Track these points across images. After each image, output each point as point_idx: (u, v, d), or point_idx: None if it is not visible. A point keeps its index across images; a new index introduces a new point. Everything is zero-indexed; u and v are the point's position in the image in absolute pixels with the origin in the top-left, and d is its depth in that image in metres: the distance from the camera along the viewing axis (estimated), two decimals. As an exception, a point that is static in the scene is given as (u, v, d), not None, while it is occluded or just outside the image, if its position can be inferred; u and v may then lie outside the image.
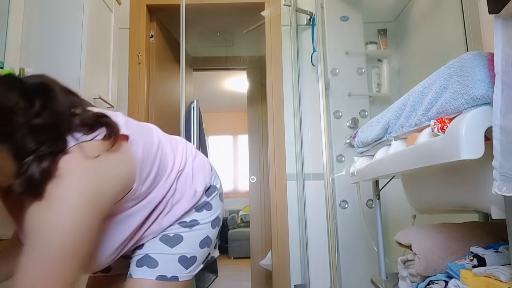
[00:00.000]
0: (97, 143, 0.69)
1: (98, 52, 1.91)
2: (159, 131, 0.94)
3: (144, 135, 0.83)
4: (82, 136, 0.68)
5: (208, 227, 0.94)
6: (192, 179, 0.92)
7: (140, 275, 0.86)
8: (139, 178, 0.77)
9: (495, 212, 0.82)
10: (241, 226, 5.97)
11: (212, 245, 0.97)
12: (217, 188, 1.00)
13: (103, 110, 0.78)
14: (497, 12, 0.68)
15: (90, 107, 0.77)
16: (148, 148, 0.81)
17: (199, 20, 3.26)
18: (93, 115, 0.73)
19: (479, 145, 0.72)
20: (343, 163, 2.19)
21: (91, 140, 0.69)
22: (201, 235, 0.92)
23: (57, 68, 1.73)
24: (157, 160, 0.83)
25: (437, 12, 1.98)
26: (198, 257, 0.91)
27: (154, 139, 0.86)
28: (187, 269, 0.89)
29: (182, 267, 0.88)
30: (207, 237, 0.93)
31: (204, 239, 0.92)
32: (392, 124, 1.15)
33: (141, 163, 0.77)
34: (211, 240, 0.94)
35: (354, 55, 2.31)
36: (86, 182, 0.64)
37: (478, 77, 0.74)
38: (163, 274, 0.86)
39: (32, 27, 1.78)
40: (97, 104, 1.85)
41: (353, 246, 2.10)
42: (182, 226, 0.90)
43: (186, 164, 0.93)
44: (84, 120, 0.70)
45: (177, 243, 0.89)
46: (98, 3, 1.93)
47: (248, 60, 3.72)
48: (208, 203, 0.95)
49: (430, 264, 1.04)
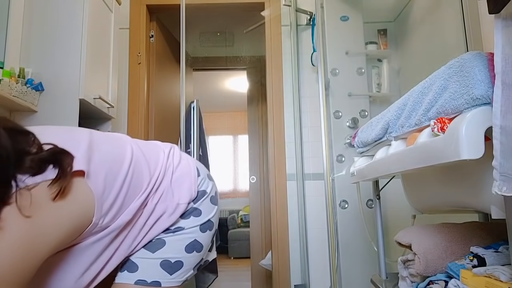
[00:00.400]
0: (42, 190, 0.62)
1: (98, 52, 1.91)
2: (135, 144, 0.87)
3: (111, 158, 0.77)
4: (27, 179, 0.61)
5: (195, 231, 0.89)
6: (173, 193, 0.86)
7: (120, 279, 0.84)
8: (99, 212, 0.71)
9: (495, 212, 0.82)
10: (241, 226, 5.97)
11: (204, 250, 0.92)
12: (206, 192, 0.94)
13: (63, 135, 0.73)
14: (497, 12, 0.68)
15: (47, 144, 0.67)
16: (112, 176, 0.74)
17: (199, 20, 3.26)
18: (48, 152, 0.65)
19: (479, 145, 0.72)
20: (343, 163, 2.19)
21: (39, 183, 0.61)
22: (186, 239, 0.88)
23: (57, 68, 1.73)
24: (125, 184, 0.77)
25: (437, 12, 1.98)
26: (184, 262, 0.87)
27: (126, 158, 0.80)
28: (171, 274, 0.85)
29: (165, 272, 0.84)
30: (195, 241, 0.88)
31: (191, 243, 0.88)
32: (392, 124, 1.15)
33: (101, 196, 0.71)
34: (200, 245, 0.89)
35: (354, 55, 2.31)
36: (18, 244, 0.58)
37: (478, 77, 0.74)
38: (143, 278, 0.83)
39: (32, 27, 1.78)
40: (97, 104, 1.85)
41: (353, 246, 2.10)
42: (164, 232, 0.87)
43: (164, 178, 0.86)
44: (34, 159, 0.62)
45: (159, 248, 0.85)
46: (98, 3, 1.93)
47: (248, 60, 3.73)
48: (196, 209, 0.90)
49: (430, 264, 1.04)
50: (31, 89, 1.64)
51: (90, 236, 0.73)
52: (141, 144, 0.89)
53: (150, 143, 0.94)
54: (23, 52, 1.76)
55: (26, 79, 1.65)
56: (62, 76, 1.73)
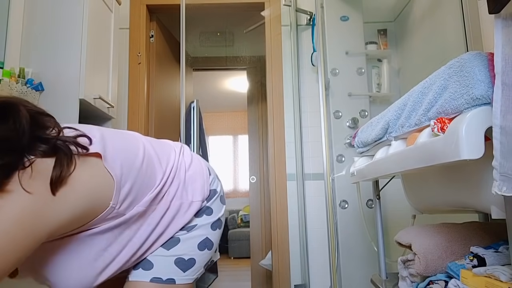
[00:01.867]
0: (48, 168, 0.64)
1: (98, 52, 1.91)
2: (147, 141, 0.89)
3: (125, 149, 0.79)
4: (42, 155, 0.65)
5: (207, 228, 0.92)
6: (187, 190, 0.89)
7: (134, 277, 0.85)
8: (117, 196, 0.73)
9: (495, 212, 0.82)
10: (241, 226, 5.97)
11: (214, 248, 0.95)
12: (217, 191, 0.97)
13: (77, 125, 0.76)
14: (497, 12, 0.68)
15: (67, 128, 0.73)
16: (128, 165, 0.77)
17: (199, 20, 3.26)
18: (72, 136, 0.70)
19: (479, 145, 0.72)
20: (343, 163, 2.19)
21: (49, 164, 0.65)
22: (199, 236, 0.90)
23: (57, 68, 1.73)
24: (140, 175, 0.79)
25: (437, 12, 1.98)
26: (197, 259, 0.89)
27: (139, 152, 0.82)
28: (184, 271, 0.87)
29: (179, 269, 0.86)
30: (207, 238, 0.91)
31: (203, 241, 0.90)
32: (392, 124, 1.15)
33: (120, 181, 0.74)
34: (211, 242, 0.92)
35: (354, 55, 2.31)
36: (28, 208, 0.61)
37: (478, 77, 0.74)
38: (158, 276, 0.85)
39: (32, 27, 1.78)
40: (97, 104, 1.85)
41: (353, 246, 2.10)
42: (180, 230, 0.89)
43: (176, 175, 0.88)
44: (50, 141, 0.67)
45: (174, 245, 0.87)
46: (98, 3, 1.93)
47: (248, 60, 3.73)
48: (208, 207, 0.93)
49: (430, 264, 1.04)
50: (31, 89, 1.64)
51: (105, 222, 0.75)
52: (152, 141, 0.92)
53: (161, 141, 0.97)
54: (23, 52, 1.76)
55: (26, 79, 1.65)
56: (62, 76, 1.73)
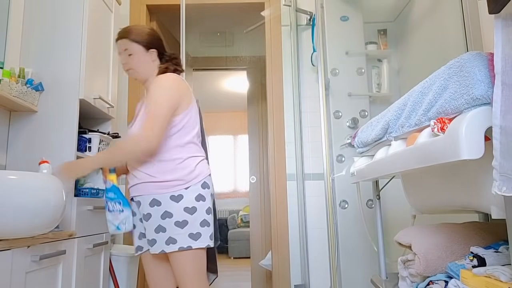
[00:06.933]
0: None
1: (98, 52, 1.91)
2: (199, 128, 1.54)
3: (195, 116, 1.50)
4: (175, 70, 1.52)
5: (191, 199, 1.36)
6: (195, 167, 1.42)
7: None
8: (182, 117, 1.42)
9: (495, 212, 0.82)
10: (241, 226, 5.97)
11: (199, 212, 1.35)
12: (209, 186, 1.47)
13: None
14: (497, 12, 0.68)
15: None
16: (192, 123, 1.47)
17: (199, 20, 3.26)
18: None
19: (479, 145, 0.72)
20: (343, 163, 2.19)
21: None
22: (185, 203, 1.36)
23: (57, 68, 1.73)
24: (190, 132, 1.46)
25: (437, 12, 1.98)
26: (189, 221, 1.33)
27: (197, 125, 1.50)
28: (182, 228, 1.33)
29: (178, 228, 1.34)
30: (193, 207, 1.35)
31: (189, 207, 1.35)
32: (392, 124, 1.15)
33: (184, 115, 1.42)
34: (195, 209, 1.35)
35: (354, 55, 2.31)
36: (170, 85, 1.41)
37: (478, 77, 0.74)
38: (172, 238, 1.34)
39: (32, 27, 1.78)
40: (97, 104, 1.85)
41: (353, 246, 2.10)
42: None
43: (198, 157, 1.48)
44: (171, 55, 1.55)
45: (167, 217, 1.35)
46: (98, 3, 1.93)
47: (248, 60, 3.73)
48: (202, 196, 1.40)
49: (430, 264, 1.04)
50: (31, 89, 1.64)
51: None
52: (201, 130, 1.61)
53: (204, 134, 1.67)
54: (23, 52, 1.76)
55: (26, 79, 1.65)
56: (62, 76, 1.73)
